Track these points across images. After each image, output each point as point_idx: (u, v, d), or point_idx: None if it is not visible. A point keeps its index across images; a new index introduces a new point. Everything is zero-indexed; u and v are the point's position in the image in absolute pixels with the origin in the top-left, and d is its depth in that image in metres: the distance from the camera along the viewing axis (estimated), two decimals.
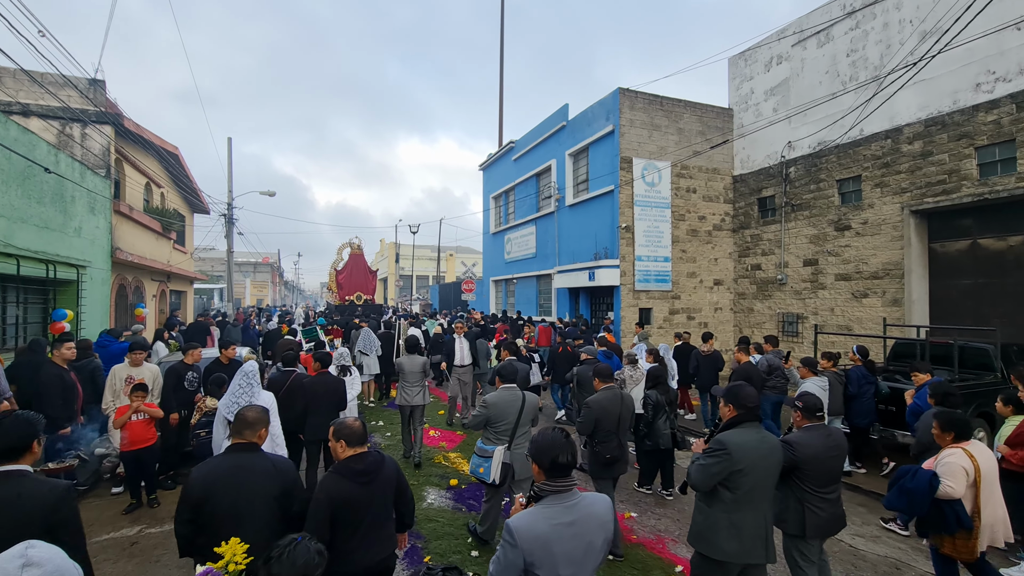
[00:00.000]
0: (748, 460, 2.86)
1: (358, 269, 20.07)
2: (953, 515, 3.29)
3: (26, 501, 2.13)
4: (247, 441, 2.69)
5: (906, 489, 3.40)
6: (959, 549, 3.36)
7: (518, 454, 4.22)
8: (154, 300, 15.15)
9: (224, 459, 2.66)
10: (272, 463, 2.68)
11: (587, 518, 2.06)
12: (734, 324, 14.58)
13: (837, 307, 11.78)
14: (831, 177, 11.97)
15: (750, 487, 2.87)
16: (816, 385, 6.08)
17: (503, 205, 21.18)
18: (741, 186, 14.44)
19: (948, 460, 3.39)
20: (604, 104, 13.88)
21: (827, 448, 3.31)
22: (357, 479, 2.60)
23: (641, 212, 13.35)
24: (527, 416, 4.34)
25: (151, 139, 13.10)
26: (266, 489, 2.57)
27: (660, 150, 13.68)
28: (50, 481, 2.33)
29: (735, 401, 3.06)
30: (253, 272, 51.12)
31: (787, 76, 13.22)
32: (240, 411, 2.76)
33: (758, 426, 3.03)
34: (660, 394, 5.45)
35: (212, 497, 2.49)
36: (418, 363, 6.73)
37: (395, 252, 37.52)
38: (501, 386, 4.47)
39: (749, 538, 2.86)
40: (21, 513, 2.10)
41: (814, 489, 3.27)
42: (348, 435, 2.69)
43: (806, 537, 3.29)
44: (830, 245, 11.95)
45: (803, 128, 12.59)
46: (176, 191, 17.00)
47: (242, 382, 4.10)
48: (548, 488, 2.10)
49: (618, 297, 13.24)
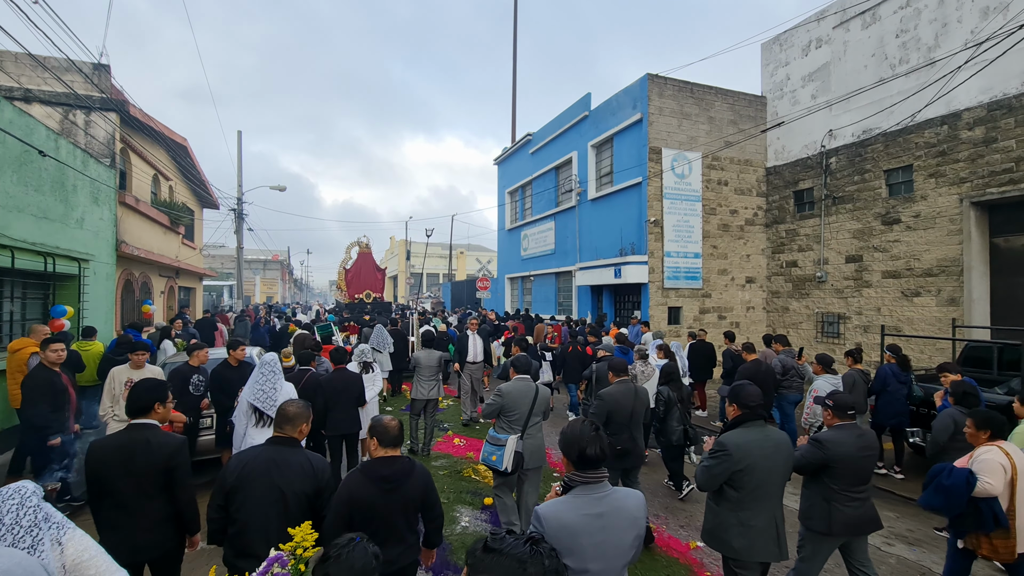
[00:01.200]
0: (750, 459, 2.89)
1: (367, 267, 20.12)
2: (990, 513, 3.17)
3: (152, 446, 2.71)
4: (286, 436, 2.68)
5: (943, 487, 3.28)
6: (999, 549, 3.23)
7: (529, 444, 4.28)
8: (162, 297, 14.67)
9: (262, 451, 2.64)
10: (309, 461, 2.64)
11: (616, 512, 2.02)
12: (767, 324, 13.82)
13: (884, 306, 11.00)
14: (878, 167, 11.18)
15: (755, 485, 2.90)
16: (828, 383, 6.06)
17: (519, 200, 20.52)
18: (775, 178, 13.66)
19: (985, 457, 3.28)
20: (631, 92, 13.17)
21: (859, 448, 3.26)
22: (381, 484, 2.52)
23: (670, 205, 12.63)
24: (539, 407, 4.40)
25: (159, 128, 12.59)
26: (299, 486, 2.54)
27: (690, 140, 12.95)
28: (170, 434, 2.88)
29: (738, 400, 3.09)
30: (263, 269, 50.89)
31: (827, 60, 12.43)
32: (282, 405, 2.74)
33: (762, 424, 3.04)
34: (672, 391, 5.38)
35: (244, 487, 2.50)
36: (435, 357, 6.92)
37: (406, 249, 37.01)
38: (515, 376, 4.53)
39: (759, 535, 2.89)
40: (149, 454, 2.68)
41: (843, 488, 3.24)
42: (381, 434, 2.63)
43: (832, 534, 3.24)
44: (877, 240, 11.16)
45: (846, 115, 11.81)
46: (185, 184, 16.51)
47: (265, 371, 4.11)
48: (578, 479, 2.08)
49: (646, 295, 12.54)
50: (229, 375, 5.72)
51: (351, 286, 19.35)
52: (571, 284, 16.23)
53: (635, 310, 13.30)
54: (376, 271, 20.61)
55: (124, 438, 2.73)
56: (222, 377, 5.69)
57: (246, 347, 5.92)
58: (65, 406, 5.04)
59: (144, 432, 2.75)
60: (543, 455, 4.46)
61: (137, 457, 2.67)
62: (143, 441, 2.71)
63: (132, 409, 2.82)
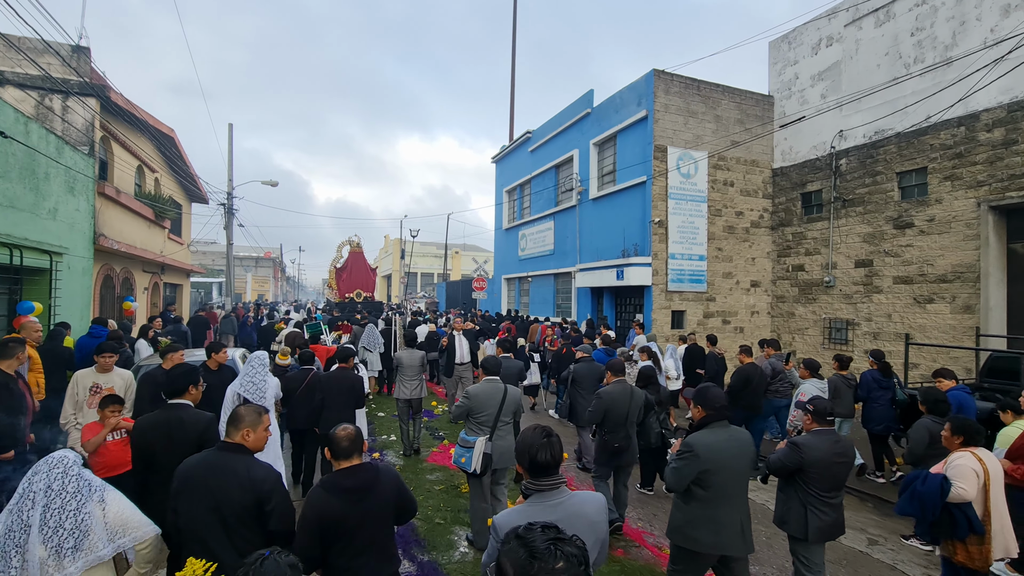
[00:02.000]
0: (716, 459, 2.98)
1: (358, 266, 20.30)
2: (964, 519, 3.21)
3: (187, 424, 3.15)
4: (231, 441, 2.53)
5: (918, 493, 3.32)
6: (973, 556, 3.23)
7: (498, 445, 4.33)
8: (146, 293, 14.09)
9: (205, 455, 2.54)
10: (248, 470, 2.44)
11: (573, 517, 2.01)
12: (772, 329, 13.46)
13: (896, 313, 10.66)
14: (890, 169, 10.84)
15: (722, 483, 3.00)
16: (815, 387, 6.17)
17: (518, 199, 20.08)
18: (782, 180, 13.31)
19: (958, 463, 3.31)
20: (636, 88, 12.78)
21: (834, 454, 3.34)
22: (346, 496, 2.39)
23: (675, 206, 12.24)
24: (508, 408, 4.41)
25: (143, 117, 12.03)
26: (236, 496, 2.38)
27: (696, 139, 12.57)
28: (201, 412, 3.30)
29: (703, 402, 3.16)
30: (255, 267, 50.11)
31: (838, 59, 12.09)
32: (238, 408, 2.62)
33: (727, 425, 3.13)
34: (651, 394, 5.43)
35: (184, 493, 2.42)
36: (417, 357, 6.95)
37: (400, 248, 36.46)
38: (484, 378, 4.56)
39: (726, 531, 3.00)
40: (184, 430, 3.11)
41: (818, 493, 3.31)
42: (333, 446, 2.49)
43: (808, 540, 3.33)
44: (888, 244, 10.82)
45: (857, 116, 11.47)
46: (172, 177, 15.92)
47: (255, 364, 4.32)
48: (532, 487, 2.11)
49: (649, 298, 12.13)
50: (208, 381, 5.23)
51: (342, 285, 19.51)
52: (570, 286, 15.81)
53: (637, 313, 12.90)
54: (368, 270, 20.84)
55: (162, 416, 3.17)
56: None
57: (228, 349, 5.43)
58: (20, 414, 4.53)
59: (179, 411, 3.21)
60: (512, 456, 4.23)
61: (174, 433, 3.08)
62: (178, 419, 3.15)
63: (169, 391, 3.35)
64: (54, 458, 2.13)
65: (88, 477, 2.21)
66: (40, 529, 2.00)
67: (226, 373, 5.39)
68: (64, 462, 2.13)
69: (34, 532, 1.99)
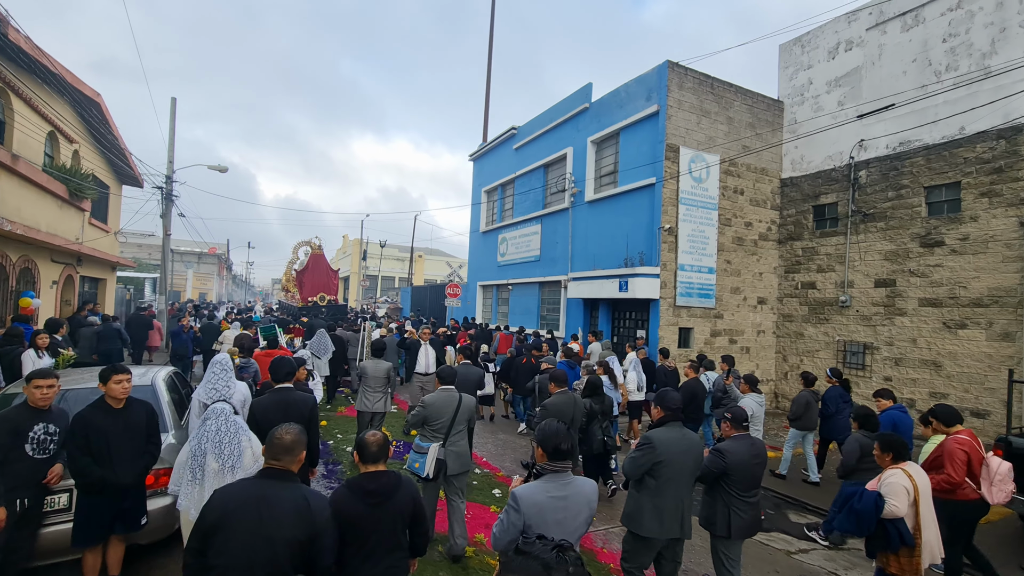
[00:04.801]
0: (669, 453, 3.42)
1: (319, 269, 19.36)
2: (896, 533, 3.42)
3: (298, 401, 4.10)
4: (282, 467, 2.34)
5: (854, 511, 3.51)
6: (904, 567, 3.46)
7: (452, 451, 4.39)
8: (55, 288, 11.63)
9: (250, 485, 2.31)
10: (306, 499, 2.28)
11: (577, 495, 2.51)
12: (777, 350, 12.53)
13: (921, 338, 9.84)
14: (917, 183, 10.08)
15: (669, 476, 3.42)
16: (753, 401, 6.54)
17: (498, 200, 18.59)
18: (792, 191, 12.46)
19: (891, 481, 3.51)
20: (645, 81, 11.61)
21: (751, 456, 3.69)
22: (367, 499, 2.51)
23: (686, 212, 11.09)
24: (462, 416, 4.53)
25: (58, 71, 9.76)
26: (291, 531, 2.18)
27: (709, 140, 11.51)
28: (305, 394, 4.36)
29: (662, 404, 3.66)
30: (197, 263, 46.15)
31: (859, 64, 11.36)
32: (276, 432, 2.39)
33: (680, 425, 3.61)
34: (595, 403, 5.60)
35: (225, 528, 2.15)
36: (383, 368, 6.53)
37: (362, 249, 34.15)
38: (439, 387, 4.67)
39: (669, 518, 3.41)
40: (298, 407, 4.04)
41: (738, 493, 3.63)
42: (362, 449, 2.63)
43: (731, 538, 3.64)
44: (914, 264, 10.03)
45: (879, 125, 10.71)
46: (96, 151, 13.44)
47: (217, 370, 4.09)
48: (548, 468, 2.54)
49: (656, 313, 10.88)
50: (103, 423, 3.44)
51: (304, 289, 18.43)
52: (559, 295, 14.42)
53: (638, 329, 11.64)
54: (329, 272, 19.68)
55: (278, 396, 4.10)
56: (92, 426, 3.41)
57: (132, 375, 3.61)
58: None
59: (291, 392, 4.18)
60: (467, 460, 4.61)
61: (290, 409, 3.95)
62: (291, 398, 4.09)
63: (277, 377, 4.28)
64: (216, 408, 3.39)
65: (240, 422, 3.42)
66: (216, 454, 3.21)
67: (133, 414, 3.59)
68: (225, 411, 3.37)
69: (211, 455, 3.21)
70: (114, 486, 3.36)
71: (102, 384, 3.46)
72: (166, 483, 4.02)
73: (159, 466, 3.90)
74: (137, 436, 3.55)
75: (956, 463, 4.12)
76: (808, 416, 7.02)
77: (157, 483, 3.94)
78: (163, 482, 3.99)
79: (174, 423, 4.56)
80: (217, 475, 3.16)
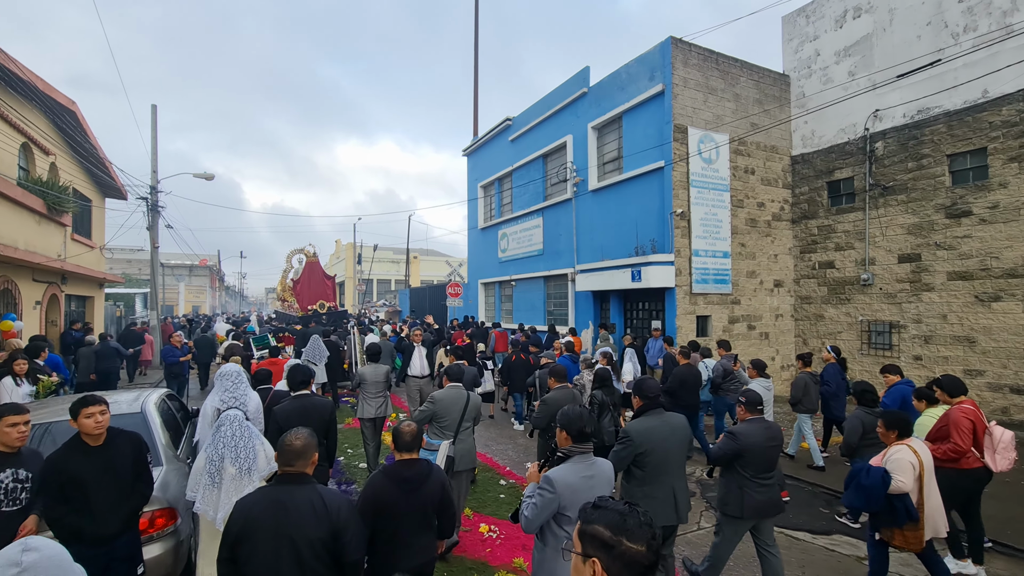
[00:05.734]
0: (650, 442, 3.44)
1: (315, 277, 18.78)
2: (903, 508, 3.44)
3: (318, 406, 4.36)
4: (296, 471, 2.36)
5: (863, 487, 3.51)
6: (909, 540, 3.52)
7: (460, 448, 4.51)
8: (38, 309, 11.04)
9: (267, 492, 2.35)
10: (322, 498, 2.31)
11: (600, 474, 2.65)
12: (796, 334, 12.10)
13: (952, 313, 9.42)
14: (939, 152, 9.65)
15: (656, 464, 3.45)
16: (760, 386, 6.42)
17: (496, 194, 18.06)
18: (804, 167, 12.01)
19: (896, 457, 3.53)
20: (647, 60, 11.10)
21: (766, 439, 3.67)
22: (403, 485, 2.68)
23: (697, 195, 10.61)
24: (470, 413, 4.68)
25: (28, 79, 9.15)
26: (312, 531, 2.22)
27: (716, 119, 11.03)
28: (324, 399, 4.66)
29: (640, 393, 3.65)
30: (188, 275, 45.33)
31: (869, 32, 10.89)
32: (287, 439, 2.39)
33: (661, 412, 3.61)
34: (606, 395, 5.60)
35: (250, 536, 2.21)
36: (381, 372, 6.46)
37: (356, 253, 33.54)
38: (448, 384, 4.75)
39: (660, 505, 3.43)
40: (318, 411, 4.28)
41: (752, 475, 3.63)
42: (397, 440, 2.87)
43: (744, 517, 3.65)
44: (940, 236, 9.60)
45: (895, 94, 10.26)
46: (75, 162, 12.80)
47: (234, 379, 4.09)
48: (576, 450, 2.66)
49: (672, 302, 10.41)
50: (79, 467, 2.93)
51: (301, 298, 17.90)
52: (565, 289, 13.93)
53: (653, 320, 11.18)
54: (325, 279, 19.25)
55: (299, 403, 4.28)
56: (65, 472, 2.89)
57: (107, 405, 3.08)
58: None
59: (309, 398, 4.40)
60: (473, 457, 4.72)
61: (311, 413, 4.16)
62: (311, 404, 4.31)
63: (293, 383, 4.49)
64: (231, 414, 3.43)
65: (252, 428, 3.47)
66: (233, 459, 3.21)
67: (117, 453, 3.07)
68: (239, 418, 3.43)
69: (228, 460, 3.20)
70: (96, 538, 2.84)
71: (73, 420, 2.94)
72: (163, 525, 3.52)
73: (152, 507, 3.39)
74: (123, 476, 3.03)
75: (963, 432, 4.15)
76: (808, 398, 6.87)
77: (153, 526, 3.44)
78: (160, 524, 3.48)
79: (168, 455, 4.03)
80: (235, 479, 3.19)
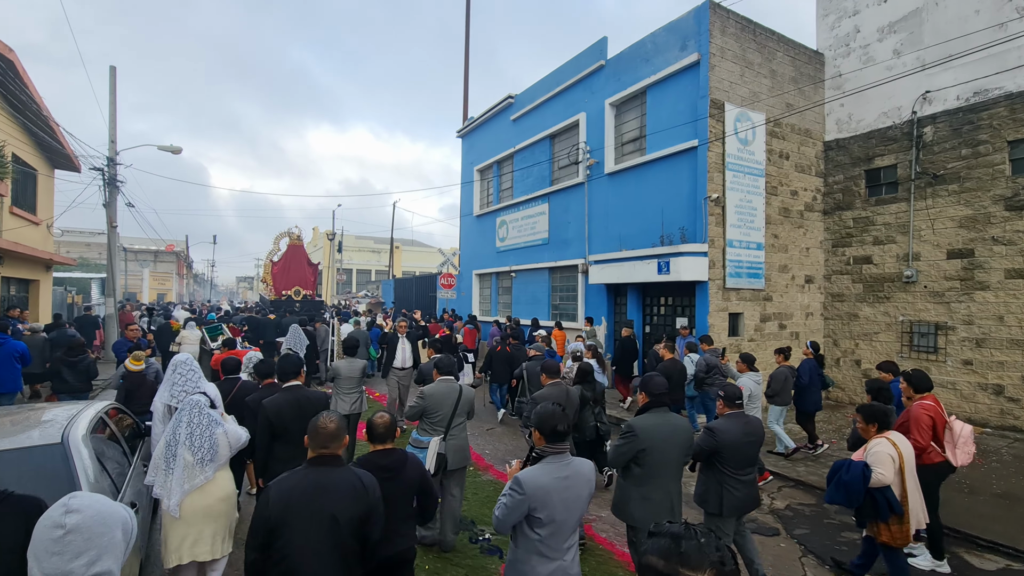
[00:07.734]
0: (652, 440, 3.33)
1: (296, 261, 17.68)
2: (885, 502, 3.44)
3: (311, 399, 4.01)
4: (331, 453, 2.40)
5: (843, 482, 3.51)
6: (895, 535, 3.51)
7: (452, 444, 4.32)
8: None
9: (305, 475, 2.32)
10: (360, 479, 2.38)
11: (577, 475, 2.55)
12: (826, 334, 11.23)
13: (1010, 315, 8.62)
14: (999, 138, 8.80)
15: (655, 463, 3.34)
16: (751, 380, 6.34)
17: (494, 179, 16.78)
18: (838, 154, 11.10)
19: (876, 450, 3.56)
20: (679, 28, 9.97)
21: (745, 434, 3.64)
22: (380, 474, 2.61)
23: (733, 180, 9.57)
24: (463, 408, 4.48)
25: None
26: (352, 510, 2.28)
27: (753, 96, 10.00)
28: (319, 391, 4.27)
29: (647, 390, 3.56)
30: (154, 261, 42.72)
31: (918, 6, 9.98)
32: (319, 422, 2.41)
33: (666, 411, 3.49)
34: (587, 390, 5.49)
35: (291, 518, 2.20)
36: (357, 367, 6.25)
37: (337, 241, 31.79)
38: (439, 378, 4.56)
39: (656, 506, 3.33)
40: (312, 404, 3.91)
41: (732, 471, 3.60)
42: (371, 431, 2.84)
43: (723, 515, 3.62)
44: (997, 230, 8.78)
45: (947, 74, 9.38)
46: (15, 124, 11.02)
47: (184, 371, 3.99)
48: (549, 450, 2.57)
49: (704, 297, 9.36)
50: None
51: (277, 281, 16.86)
52: (574, 281, 12.80)
53: (679, 317, 10.13)
54: (307, 265, 17.89)
55: (291, 395, 3.97)
56: None
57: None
58: None
59: (301, 390, 4.07)
60: (467, 455, 4.55)
61: (304, 406, 3.86)
62: (304, 396, 4.00)
63: (283, 375, 4.24)
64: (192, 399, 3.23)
65: (214, 414, 3.27)
66: (188, 446, 3.07)
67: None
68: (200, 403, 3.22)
69: (183, 447, 3.06)
70: None
71: None
72: None
73: None
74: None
75: (923, 428, 4.21)
76: (786, 392, 6.99)
77: None
78: None
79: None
80: (189, 467, 3.07)
